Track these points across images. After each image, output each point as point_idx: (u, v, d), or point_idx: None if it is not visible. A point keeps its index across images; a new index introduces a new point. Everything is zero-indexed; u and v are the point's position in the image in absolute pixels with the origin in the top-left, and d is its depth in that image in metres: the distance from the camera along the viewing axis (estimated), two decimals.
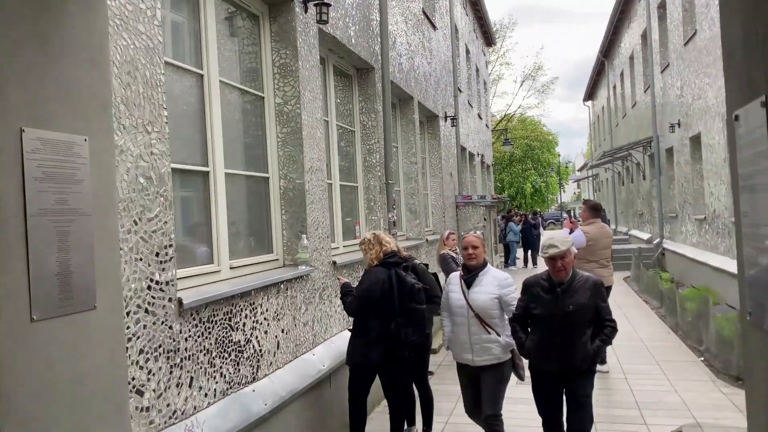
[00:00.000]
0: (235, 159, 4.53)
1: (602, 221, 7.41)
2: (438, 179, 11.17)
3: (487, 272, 4.43)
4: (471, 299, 4.34)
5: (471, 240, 4.47)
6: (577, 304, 3.97)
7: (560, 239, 4.01)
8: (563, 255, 3.98)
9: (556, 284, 4.04)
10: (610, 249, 7.20)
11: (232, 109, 4.53)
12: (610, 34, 24.16)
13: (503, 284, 4.39)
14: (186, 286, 3.64)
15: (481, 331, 4.32)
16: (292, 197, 5.01)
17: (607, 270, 7.11)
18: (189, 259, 3.88)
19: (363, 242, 4.53)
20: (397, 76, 8.23)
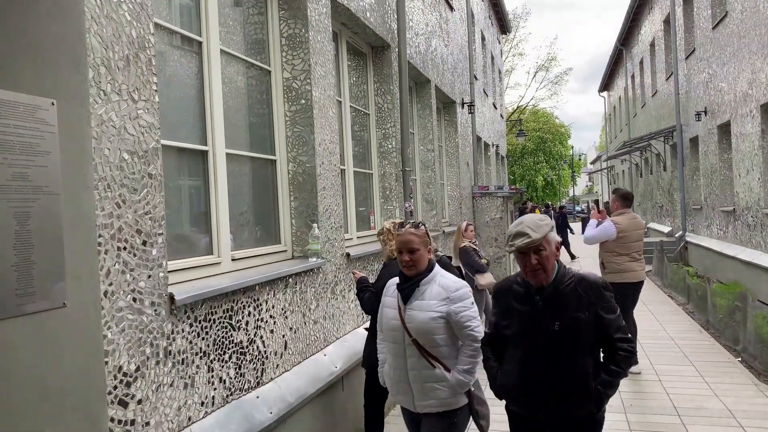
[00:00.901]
0: (239, 138, 4.08)
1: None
2: (455, 168, 10.68)
3: (432, 280, 3.18)
4: (407, 318, 3.15)
5: (406, 239, 3.16)
6: (566, 319, 2.70)
7: (532, 223, 2.73)
8: (539, 246, 2.69)
9: (533, 290, 2.78)
10: (642, 241, 6.69)
11: (235, 82, 4.07)
12: (629, 21, 23.46)
13: (454, 296, 3.12)
14: (180, 280, 3.20)
15: (421, 365, 3.13)
16: (302, 182, 4.56)
17: (639, 264, 6.61)
18: (184, 249, 3.44)
19: (381, 232, 4.07)
20: (414, 56, 7.74)
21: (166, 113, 3.31)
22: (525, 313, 2.77)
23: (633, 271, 6.56)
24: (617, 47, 27.18)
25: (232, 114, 4.02)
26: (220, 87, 3.74)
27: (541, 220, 2.75)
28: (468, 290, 3.20)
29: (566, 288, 2.74)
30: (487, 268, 7.36)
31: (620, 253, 6.59)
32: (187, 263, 3.33)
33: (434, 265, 3.25)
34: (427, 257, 3.22)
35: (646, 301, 10.86)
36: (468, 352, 3.11)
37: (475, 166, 12.84)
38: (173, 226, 3.36)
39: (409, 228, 3.22)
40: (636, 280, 6.58)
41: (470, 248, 7.37)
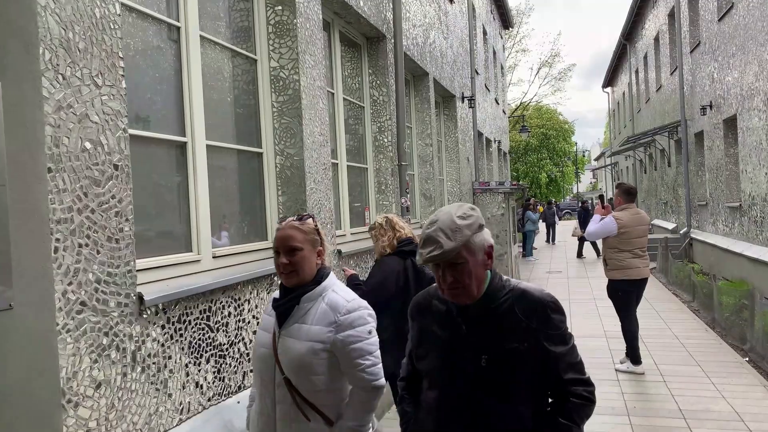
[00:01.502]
0: (222, 130, 3.89)
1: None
2: (455, 164, 10.47)
3: (319, 296, 2.34)
4: (281, 348, 2.30)
5: (284, 235, 2.37)
6: (498, 351, 1.92)
7: (448, 224, 1.87)
8: (454, 259, 1.87)
9: (456, 310, 2.00)
10: (646, 237, 6.49)
11: (218, 71, 3.88)
12: (633, 16, 23.20)
13: (344, 320, 2.26)
14: (154, 279, 3.01)
15: (291, 413, 2.29)
16: (290, 176, 4.36)
17: (643, 260, 6.41)
18: (161, 246, 3.24)
19: (373, 227, 3.88)
20: (411, 48, 7.54)
21: (139, 102, 3.12)
22: (444, 341, 1.97)
23: (635, 267, 6.36)
24: (621, 42, 26.91)
25: (215, 105, 3.83)
26: (200, 76, 3.55)
27: (463, 219, 1.86)
28: (367, 313, 2.33)
29: (500, 308, 1.93)
30: None
31: (622, 249, 6.39)
32: (162, 261, 3.13)
33: (325, 275, 2.38)
34: (316, 263, 2.37)
35: (650, 299, 10.64)
36: (357, 402, 2.29)
37: (476, 162, 12.64)
38: (148, 221, 3.17)
39: (291, 221, 2.39)
40: (638, 277, 6.38)
41: None
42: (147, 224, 3.14)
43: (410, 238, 3.78)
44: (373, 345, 2.31)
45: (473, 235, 1.89)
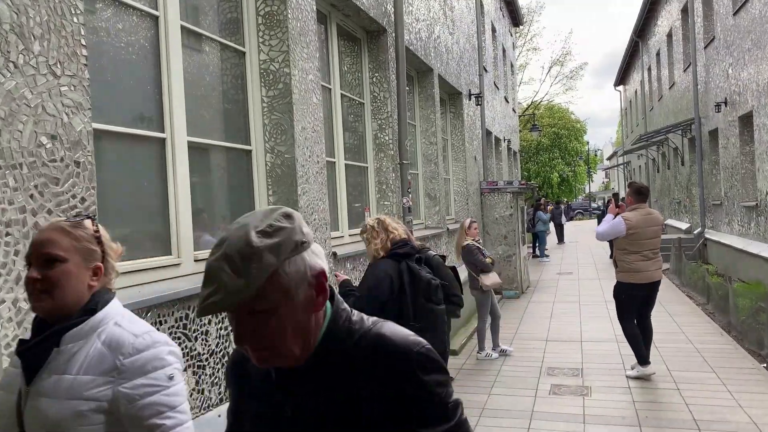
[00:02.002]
0: (207, 126, 3.68)
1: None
2: (461, 163, 10.23)
3: (91, 333, 1.57)
4: (28, 414, 1.54)
5: (42, 239, 1.58)
6: (331, 421, 1.17)
7: (238, 249, 1.09)
8: (254, 305, 1.10)
9: (276, 376, 1.22)
10: (659, 239, 6.21)
11: (202, 64, 3.67)
12: (645, 13, 22.79)
13: (131, 365, 1.53)
14: (125, 285, 2.81)
15: None
16: (281, 175, 4.15)
17: (654, 263, 6.13)
18: (135, 249, 3.04)
19: (364, 230, 3.65)
20: (414, 43, 7.30)
21: (111, 95, 2.92)
22: (263, 407, 1.23)
23: (644, 271, 6.10)
24: (633, 40, 26.49)
25: (200, 99, 3.62)
26: (181, 69, 3.34)
27: (266, 236, 1.12)
28: (168, 350, 1.58)
29: (343, 369, 1.19)
30: (491, 267, 6.95)
31: (631, 251, 6.14)
32: (137, 265, 2.93)
33: (102, 302, 1.61)
34: (89, 284, 1.61)
35: (663, 301, 10.34)
36: None
37: (484, 161, 12.38)
38: (121, 223, 2.97)
39: (58, 221, 1.63)
40: (646, 281, 6.11)
41: (473, 246, 6.96)
42: (120, 226, 2.94)
43: (405, 240, 3.55)
44: (177, 396, 1.55)
45: (285, 261, 1.13)
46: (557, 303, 10.57)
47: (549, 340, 7.85)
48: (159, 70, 3.23)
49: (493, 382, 6.18)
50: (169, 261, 3.18)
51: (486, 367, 6.73)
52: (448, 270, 3.99)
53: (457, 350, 7.29)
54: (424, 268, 3.59)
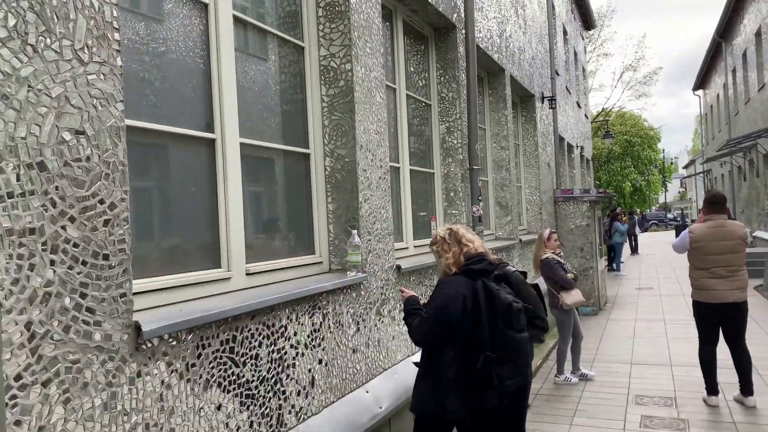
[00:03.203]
0: (261, 127, 3.36)
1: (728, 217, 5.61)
2: (533, 169, 9.64)
3: None
4: None
5: None
6: None
7: None
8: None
9: None
10: (735, 255, 5.36)
11: (255, 57, 3.36)
12: (729, 11, 21.40)
13: None
14: (170, 302, 2.50)
15: None
16: (341, 180, 3.78)
17: (727, 282, 5.35)
18: (184, 262, 2.73)
19: (434, 242, 3.22)
20: (484, 41, 6.84)
21: (150, 88, 2.62)
22: None
23: (711, 290, 5.41)
24: (715, 40, 24.97)
25: (254, 98, 3.31)
26: (233, 62, 3.03)
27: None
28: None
29: None
30: (574, 283, 6.34)
31: (697, 266, 5.51)
32: (179, 280, 2.62)
33: None
34: None
35: (760, 321, 9.37)
36: None
37: (557, 168, 11.71)
38: (164, 232, 2.66)
39: None
40: (714, 302, 5.40)
41: (553, 260, 6.37)
42: (161, 236, 2.63)
43: (481, 254, 3.10)
44: None
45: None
46: (639, 321, 9.77)
47: (634, 363, 7.14)
48: (208, 62, 2.93)
49: (574, 410, 5.59)
50: (217, 275, 2.85)
51: (565, 393, 6.13)
52: (530, 288, 3.50)
53: (533, 373, 6.72)
54: (503, 287, 3.13)
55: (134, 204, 2.48)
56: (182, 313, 2.39)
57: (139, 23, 2.57)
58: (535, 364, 7.00)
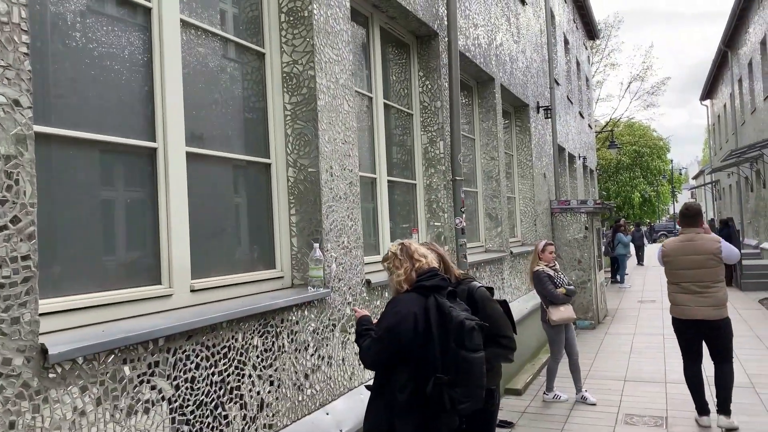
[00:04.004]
0: (215, 136, 3.22)
1: (721, 231, 5.36)
2: (528, 180, 9.45)
3: None
4: None
5: None
6: None
7: None
8: None
9: None
10: (707, 270, 5.09)
11: (210, 64, 3.22)
12: (734, 21, 21.19)
13: None
14: (91, 322, 2.34)
15: None
16: (304, 191, 3.63)
17: (698, 298, 5.09)
18: (118, 278, 2.58)
19: (386, 258, 3.05)
20: (472, 50, 6.70)
21: (85, 97, 2.48)
22: None
23: (683, 305, 5.22)
24: (721, 50, 24.76)
25: (207, 106, 3.17)
26: (179, 70, 2.90)
27: None
28: None
29: None
30: (566, 299, 6.08)
31: (670, 281, 5.35)
32: (110, 298, 2.47)
33: None
34: None
35: (762, 337, 9.11)
36: None
37: (556, 179, 11.50)
38: (99, 247, 2.51)
39: None
40: (686, 318, 5.20)
41: (543, 273, 6.17)
42: (95, 252, 2.48)
43: (434, 269, 2.92)
44: None
45: None
46: (638, 336, 9.53)
47: (627, 380, 6.92)
48: (150, 68, 2.80)
49: (560, 430, 5.37)
50: (156, 292, 2.70)
51: (553, 411, 5.91)
52: (496, 305, 3.32)
53: (521, 389, 6.51)
54: (459, 303, 2.95)
55: (62, 217, 2.34)
56: (103, 333, 2.23)
57: (73, 24, 2.44)
58: (525, 380, 6.80)
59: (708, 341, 5.20)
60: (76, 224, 2.44)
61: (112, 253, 2.61)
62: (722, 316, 5.07)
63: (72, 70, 2.44)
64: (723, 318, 5.08)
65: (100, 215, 2.57)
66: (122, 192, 2.68)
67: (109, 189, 2.64)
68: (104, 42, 2.59)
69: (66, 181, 2.39)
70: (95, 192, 2.55)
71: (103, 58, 2.58)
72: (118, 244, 2.65)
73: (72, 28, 2.45)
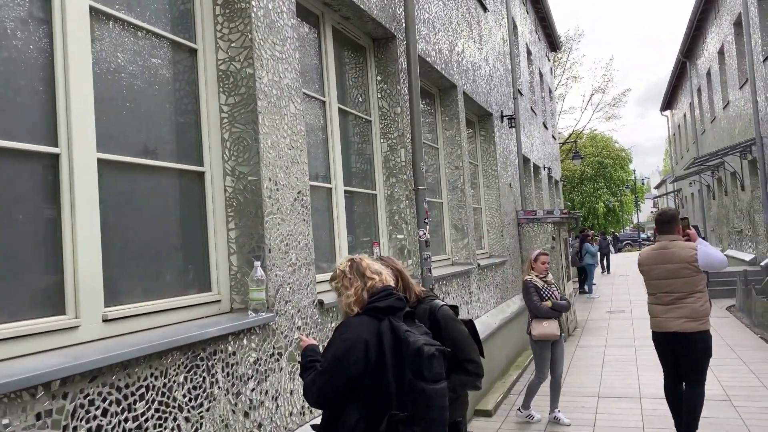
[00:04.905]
0: (134, 140, 2.81)
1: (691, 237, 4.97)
2: (494, 190, 9.18)
3: None
4: None
5: None
6: None
7: None
8: None
9: None
10: (680, 280, 4.75)
11: (128, 61, 2.82)
12: (692, 31, 21.52)
13: None
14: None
15: None
16: (244, 203, 3.24)
17: (672, 310, 4.77)
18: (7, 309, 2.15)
19: (334, 276, 2.66)
20: (432, 55, 6.40)
21: None
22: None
23: (656, 317, 4.94)
24: (680, 60, 25.14)
25: (125, 107, 2.77)
26: (89, 66, 2.50)
27: None
28: None
29: None
30: (550, 312, 5.70)
31: (647, 292, 5.07)
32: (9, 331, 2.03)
33: None
34: None
35: (734, 346, 8.97)
36: None
37: (522, 190, 11.29)
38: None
39: None
40: (660, 331, 4.91)
41: (530, 284, 5.83)
42: None
43: (388, 288, 2.55)
44: None
45: None
46: (609, 348, 9.30)
47: (601, 397, 6.64)
48: (51, 65, 2.38)
49: None
50: (58, 324, 2.27)
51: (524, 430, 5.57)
52: (461, 326, 2.95)
53: (491, 410, 6.16)
54: (418, 326, 2.58)
55: None
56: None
57: None
58: (496, 399, 6.46)
59: (680, 358, 4.83)
60: None
61: (3, 279, 2.18)
62: (697, 330, 4.69)
63: None
64: (698, 331, 4.69)
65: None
66: (15, 205, 2.25)
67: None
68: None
69: None
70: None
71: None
72: (12, 268, 2.22)
73: None
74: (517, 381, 7.45)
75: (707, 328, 4.72)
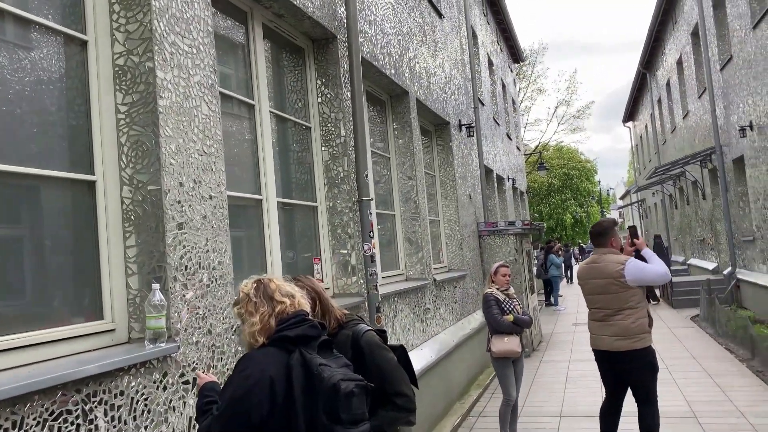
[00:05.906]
0: (3, 145, 2.38)
1: (650, 250, 4.67)
2: (452, 202, 8.87)
3: None
4: None
5: None
6: None
7: None
8: None
9: None
10: (608, 296, 4.45)
11: (2, 53, 2.40)
12: (651, 43, 21.75)
13: None
14: None
15: None
16: (143, 216, 2.82)
17: (601, 327, 4.50)
18: None
19: (237, 301, 2.26)
20: (380, 58, 6.07)
21: None
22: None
23: (592, 333, 4.66)
24: (640, 72, 25.41)
25: (3, 110, 2.34)
26: None
27: None
28: None
29: None
30: (511, 327, 5.29)
31: (588, 307, 4.75)
32: None
33: None
34: None
35: (699, 357, 8.79)
36: None
37: (484, 201, 11.02)
38: None
39: None
40: (595, 347, 4.62)
41: (491, 297, 5.42)
42: None
43: (301, 313, 2.16)
44: None
45: None
46: (573, 362, 9.02)
47: (564, 416, 6.32)
48: None
49: None
50: None
51: None
52: (388, 354, 2.56)
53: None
54: (336, 358, 2.19)
55: None
56: None
57: None
58: (453, 423, 6.08)
59: (622, 375, 4.51)
60: None
61: None
62: (630, 348, 4.35)
63: None
64: (630, 350, 4.35)
65: None
66: None
67: None
68: None
69: None
70: None
71: None
72: None
73: None
74: (477, 401, 7.09)
75: (643, 346, 4.38)
